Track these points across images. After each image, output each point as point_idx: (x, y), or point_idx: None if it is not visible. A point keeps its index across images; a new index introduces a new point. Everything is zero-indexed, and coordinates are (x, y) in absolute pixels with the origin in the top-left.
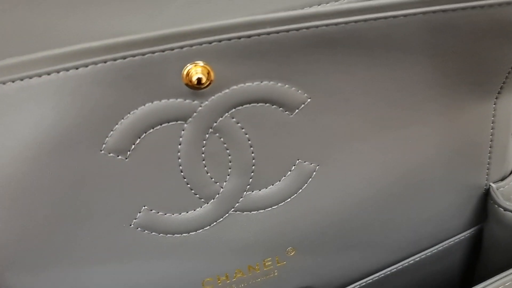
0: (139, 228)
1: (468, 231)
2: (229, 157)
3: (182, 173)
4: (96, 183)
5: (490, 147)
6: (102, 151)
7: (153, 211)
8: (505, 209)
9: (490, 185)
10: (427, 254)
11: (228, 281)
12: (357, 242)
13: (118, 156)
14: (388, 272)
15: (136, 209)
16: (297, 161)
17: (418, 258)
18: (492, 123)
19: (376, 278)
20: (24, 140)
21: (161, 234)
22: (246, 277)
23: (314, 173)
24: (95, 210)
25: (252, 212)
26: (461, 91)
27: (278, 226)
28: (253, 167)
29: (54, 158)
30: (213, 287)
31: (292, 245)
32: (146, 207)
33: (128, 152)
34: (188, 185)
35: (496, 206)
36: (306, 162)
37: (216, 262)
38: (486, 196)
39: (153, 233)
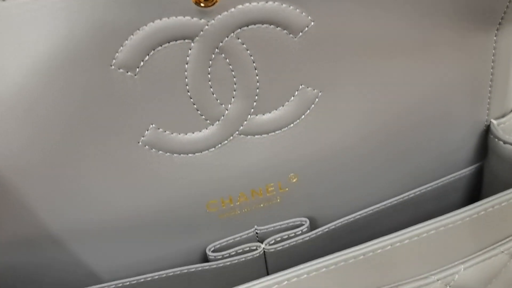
0: (146, 146)
1: (469, 168)
2: (234, 78)
3: (188, 93)
4: (105, 98)
5: (491, 82)
6: (112, 66)
7: (160, 129)
8: (505, 142)
9: (491, 121)
10: (428, 189)
11: (232, 205)
12: (358, 173)
13: (127, 72)
14: (389, 205)
15: (144, 127)
16: (300, 86)
17: (419, 193)
18: (493, 56)
19: (376, 209)
20: (37, 53)
21: (167, 154)
22: (250, 202)
23: (317, 99)
24: (104, 126)
25: (256, 136)
26: (464, 18)
27: (281, 152)
28: (257, 90)
29: (65, 72)
30: (217, 209)
31: (294, 172)
32: (153, 125)
33: (137, 69)
34: (194, 105)
35: (496, 140)
36: (309, 88)
37: (220, 184)
38: (487, 133)
39: (160, 152)
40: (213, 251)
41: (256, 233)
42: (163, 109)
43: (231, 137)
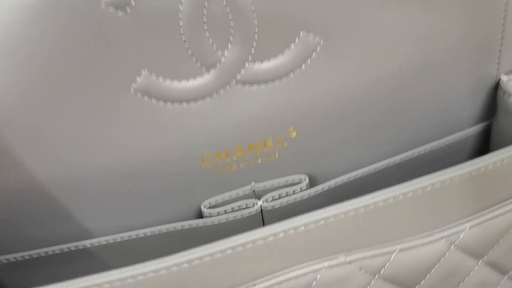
0: (139, 94)
1: (476, 127)
2: (231, 21)
3: (182, 36)
4: (95, 40)
5: (502, 33)
6: (102, 5)
7: (153, 75)
8: None
9: (500, 76)
10: (432, 148)
11: (228, 159)
12: (359, 127)
13: (118, 11)
14: (392, 164)
15: (135, 72)
16: (301, 33)
17: (423, 152)
18: (505, 5)
19: (378, 168)
20: None
21: (161, 102)
22: (247, 156)
23: (318, 47)
24: (93, 69)
25: (254, 85)
26: None
27: (279, 103)
28: (256, 35)
29: (53, 9)
30: (213, 164)
31: (293, 125)
32: (146, 71)
33: (128, 8)
34: (189, 50)
35: (506, 96)
36: (310, 35)
37: (216, 136)
38: (496, 89)
39: (153, 99)
40: (208, 208)
41: (254, 190)
42: (156, 53)
43: (228, 86)
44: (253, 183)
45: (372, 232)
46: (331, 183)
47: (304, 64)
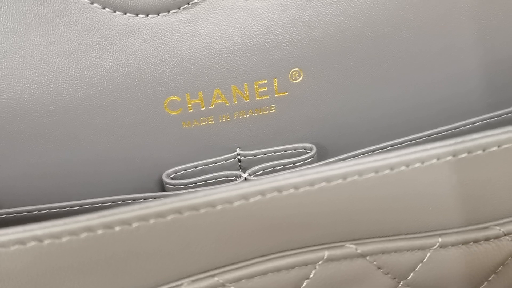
0: (95, 4)
1: None
2: None
3: None
4: None
5: None
6: None
7: None
8: None
9: None
10: (469, 125)
11: (202, 108)
12: (377, 77)
13: None
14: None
15: None
16: None
17: (461, 128)
18: None
19: (407, 142)
20: None
21: (117, 12)
22: (230, 107)
23: None
24: None
25: None
26: None
27: (280, 24)
28: None
29: None
30: (180, 112)
31: (299, 65)
32: None
33: None
34: None
35: None
36: None
37: (185, 69)
38: None
39: (106, 9)
40: (172, 178)
41: (239, 158)
42: None
43: None
44: (238, 150)
45: (401, 212)
46: (350, 155)
47: None
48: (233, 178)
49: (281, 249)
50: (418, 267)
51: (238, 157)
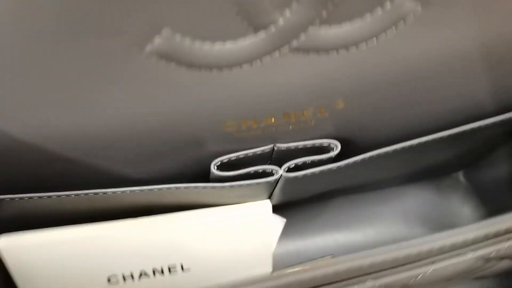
0: (154, 57)
1: None
2: None
3: None
4: None
5: None
6: None
7: (177, 35)
8: None
9: None
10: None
11: (255, 126)
12: (412, 105)
13: None
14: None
15: (153, 30)
16: None
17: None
18: None
19: (416, 145)
20: None
21: (183, 67)
22: (277, 124)
23: (412, 15)
24: (97, 26)
25: (311, 53)
26: None
27: (337, 74)
28: None
29: None
30: (236, 129)
31: (344, 97)
32: (168, 28)
33: None
34: (235, 7)
35: None
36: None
37: (246, 106)
38: None
39: (172, 63)
40: (218, 166)
41: (273, 149)
42: (185, 6)
43: (277, 53)
44: (276, 144)
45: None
46: (371, 155)
47: (385, 33)
48: (269, 171)
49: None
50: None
51: (274, 147)
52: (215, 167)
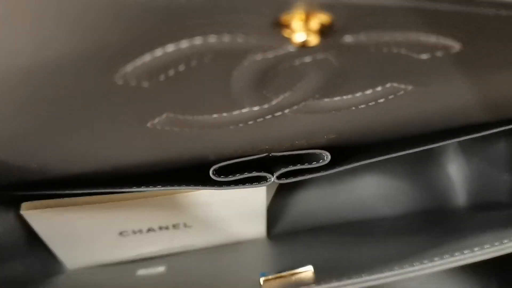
0: (158, 126)
1: None
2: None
3: (230, 89)
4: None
5: None
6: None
7: (178, 116)
8: None
9: None
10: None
11: (250, 151)
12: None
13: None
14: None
15: (155, 115)
16: (388, 84)
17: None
18: None
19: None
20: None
21: (185, 129)
22: (271, 150)
23: (402, 92)
24: (104, 114)
25: (307, 114)
26: None
27: (331, 124)
28: (328, 87)
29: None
30: (232, 155)
31: (336, 134)
32: (169, 114)
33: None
34: (232, 95)
35: None
36: (399, 85)
37: (244, 145)
38: None
39: (175, 129)
40: (215, 171)
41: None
42: (183, 99)
43: (275, 114)
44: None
45: None
46: (355, 165)
47: (375, 101)
48: (263, 176)
49: None
50: None
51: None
52: (213, 172)
